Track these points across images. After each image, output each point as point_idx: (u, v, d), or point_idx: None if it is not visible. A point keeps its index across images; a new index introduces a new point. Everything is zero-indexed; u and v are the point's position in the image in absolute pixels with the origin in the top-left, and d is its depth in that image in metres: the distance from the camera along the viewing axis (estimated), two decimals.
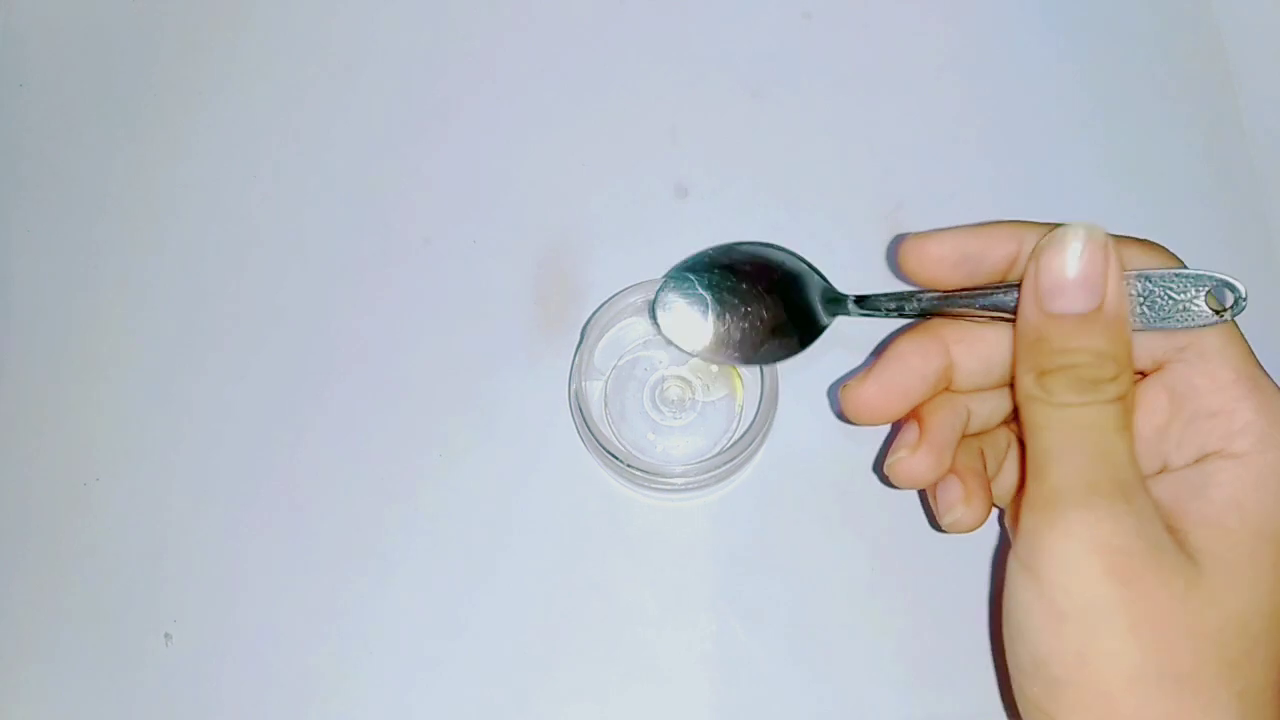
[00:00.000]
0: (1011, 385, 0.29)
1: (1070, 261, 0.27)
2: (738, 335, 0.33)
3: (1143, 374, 0.30)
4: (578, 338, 0.38)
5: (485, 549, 0.38)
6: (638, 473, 0.36)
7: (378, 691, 0.37)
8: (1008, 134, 0.42)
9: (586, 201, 0.41)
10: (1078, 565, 0.26)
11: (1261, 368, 0.28)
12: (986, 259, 0.30)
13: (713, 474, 0.36)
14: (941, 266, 0.30)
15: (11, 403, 0.40)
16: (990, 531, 0.37)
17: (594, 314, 0.38)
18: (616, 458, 0.36)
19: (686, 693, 0.36)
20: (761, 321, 0.33)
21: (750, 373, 0.38)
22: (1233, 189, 0.41)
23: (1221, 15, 0.43)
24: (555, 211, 0.41)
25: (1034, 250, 0.27)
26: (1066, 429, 0.27)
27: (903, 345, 0.31)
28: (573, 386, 0.37)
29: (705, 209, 0.41)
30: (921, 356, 0.30)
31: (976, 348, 0.31)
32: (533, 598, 0.37)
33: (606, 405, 0.38)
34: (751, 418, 0.36)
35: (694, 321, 0.33)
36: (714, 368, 0.38)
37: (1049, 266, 0.27)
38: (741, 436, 0.36)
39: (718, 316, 0.33)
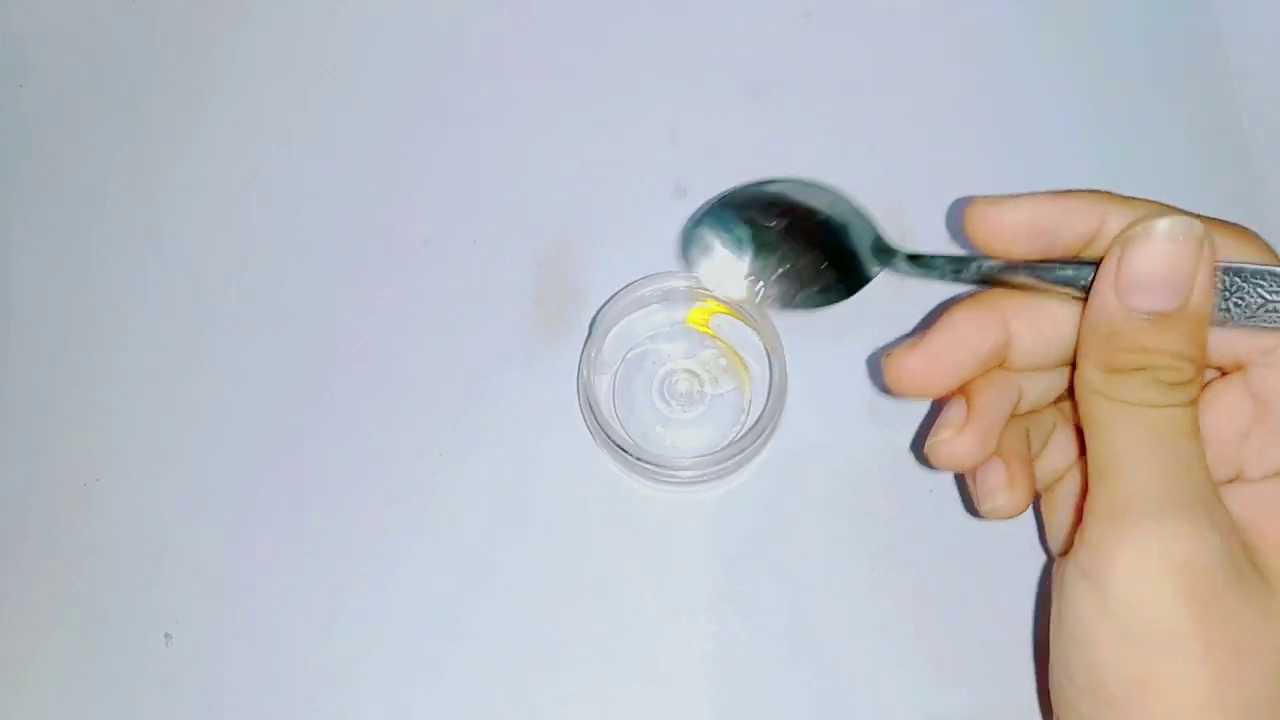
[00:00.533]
0: (1071, 367, 0.27)
1: (1161, 256, 0.24)
2: (774, 278, 0.30)
3: (1221, 371, 0.28)
4: (586, 331, 0.38)
5: (484, 549, 0.38)
6: (646, 465, 0.36)
7: (378, 691, 0.37)
8: (1008, 134, 0.42)
9: (586, 201, 0.41)
10: (1152, 584, 0.24)
11: None
12: (1064, 233, 0.27)
13: (720, 467, 0.36)
14: (1015, 237, 0.28)
15: (11, 403, 0.40)
16: (998, 532, 0.37)
17: (603, 306, 0.38)
18: (625, 450, 0.36)
19: (687, 693, 0.36)
20: (802, 265, 0.30)
21: (759, 366, 0.38)
22: (1233, 189, 0.41)
23: (1221, 15, 0.43)
24: (555, 211, 0.41)
25: (1120, 236, 0.25)
26: (1138, 430, 0.25)
27: (957, 315, 0.28)
28: (581, 379, 0.37)
29: None
30: (977, 328, 0.28)
31: (1039, 324, 0.28)
32: (532, 598, 0.37)
33: (615, 398, 0.38)
34: (760, 411, 0.37)
35: (728, 261, 0.30)
36: (722, 360, 0.39)
37: (1136, 259, 0.25)
38: (750, 430, 0.36)
39: (754, 257, 0.30)
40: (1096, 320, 0.26)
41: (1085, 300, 0.26)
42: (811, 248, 0.30)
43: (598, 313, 0.38)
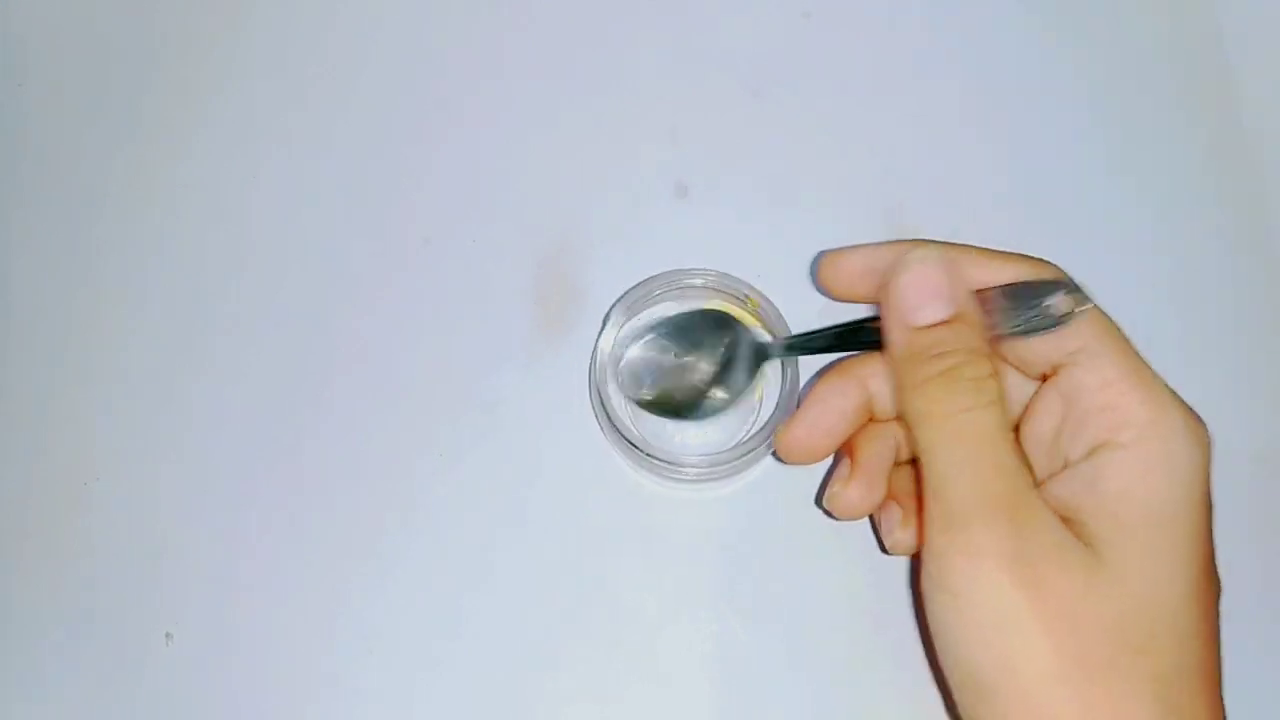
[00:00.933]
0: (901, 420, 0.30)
1: (922, 278, 0.29)
2: (678, 391, 0.37)
3: (1043, 379, 0.31)
4: (586, 330, 0.39)
5: (485, 549, 0.38)
6: (655, 462, 0.36)
7: (378, 691, 0.37)
8: (1008, 134, 0.42)
9: (586, 201, 0.41)
10: (988, 580, 0.27)
11: (1145, 363, 0.29)
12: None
13: (729, 466, 0.36)
14: (851, 279, 0.33)
15: (11, 403, 0.40)
16: None
17: (615, 303, 0.38)
18: (635, 446, 0.36)
19: (687, 693, 0.36)
20: (709, 378, 0.37)
21: (771, 367, 0.38)
22: (1233, 189, 0.41)
23: (1222, 15, 0.43)
24: (555, 211, 0.41)
25: (885, 280, 0.30)
26: (956, 444, 0.28)
27: (821, 387, 0.33)
28: (593, 376, 0.37)
29: (705, 209, 0.41)
30: (840, 395, 0.33)
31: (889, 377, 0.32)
32: (532, 598, 0.37)
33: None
34: (770, 413, 0.37)
35: (643, 377, 0.37)
36: None
37: (906, 287, 0.29)
38: (759, 430, 0.36)
39: (664, 374, 0.37)
40: (896, 351, 0.30)
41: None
42: (716, 363, 0.37)
43: (611, 308, 0.38)
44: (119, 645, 0.38)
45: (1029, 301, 0.29)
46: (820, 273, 0.34)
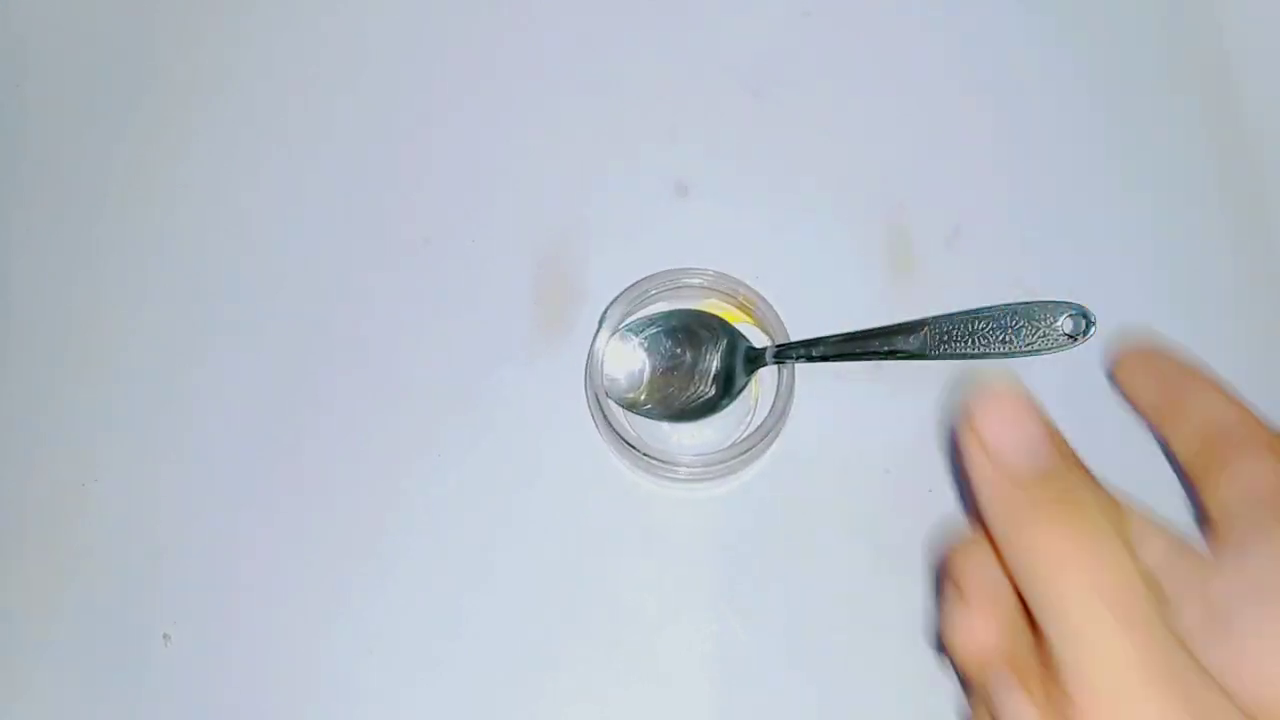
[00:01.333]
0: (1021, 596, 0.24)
1: (1012, 411, 0.24)
2: (667, 393, 0.37)
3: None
4: (586, 329, 0.39)
5: (484, 549, 0.38)
6: (651, 461, 0.36)
7: (378, 691, 0.37)
8: (1008, 134, 0.42)
9: (587, 201, 0.41)
10: None
11: None
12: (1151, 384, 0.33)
13: (725, 465, 0.36)
14: (1133, 376, 0.33)
15: (11, 403, 0.40)
16: None
17: (610, 304, 0.38)
18: (631, 445, 0.36)
19: (687, 693, 0.36)
20: (698, 382, 0.37)
21: (768, 369, 0.38)
22: (1233, 189, 0.41)
23: (1222, 15, 0.43)
24: (555, 211, 0.41)
25: (969, 424, 0.24)
26: (1097, 598, 0.22)
27: (973, 572, 0.26)
28: (589, 374, 0.37)
29: (706, 208, 0.41)
30: (995, 569, 0.26)
31: None
32: (532, 598, 0.37)
33: None
34: (766, 413, 0.37)
35: (633, 378, 0.37)
36: None
37: (993, 422, 0.24)
38: (755, 429, 0.36)
39: (654, 376, 0.37)
40: (992, 501, 0.24)
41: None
42: (701, 366, 0.38)
43: (607, 307, 0.38)
44: (118, 646, 0.38)
45: (1032, 320, 0.29)
46: (1118, 357, 0.34)
